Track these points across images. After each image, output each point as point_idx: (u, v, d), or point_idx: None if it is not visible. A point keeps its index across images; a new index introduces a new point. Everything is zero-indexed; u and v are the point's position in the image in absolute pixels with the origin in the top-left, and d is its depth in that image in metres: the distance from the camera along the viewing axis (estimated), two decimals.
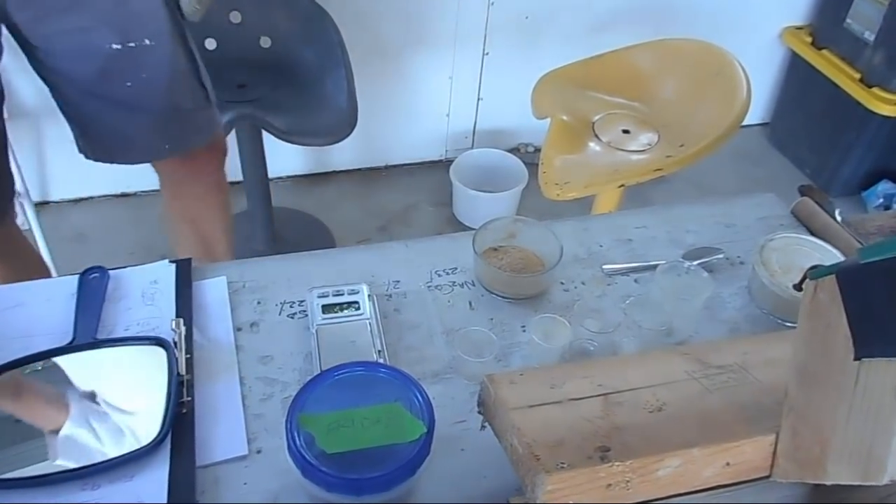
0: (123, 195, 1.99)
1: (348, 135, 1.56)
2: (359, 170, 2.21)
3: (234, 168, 1.84)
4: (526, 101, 1.70)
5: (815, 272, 0.46)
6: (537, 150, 2.17)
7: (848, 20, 2.13)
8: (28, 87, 1.58)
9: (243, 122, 1.50)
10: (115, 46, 0.93)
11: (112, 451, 0.57)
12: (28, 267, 1.18)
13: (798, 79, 2.34)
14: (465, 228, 2.05)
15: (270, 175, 1.87)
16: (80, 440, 0.58)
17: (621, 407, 0.53)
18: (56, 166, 1.89)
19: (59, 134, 1.07)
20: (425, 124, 2.20)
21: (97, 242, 1.86)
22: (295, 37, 1.64)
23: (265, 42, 1.64)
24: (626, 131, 1.60)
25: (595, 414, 0.53)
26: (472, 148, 2.24)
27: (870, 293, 0.42)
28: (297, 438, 0.52)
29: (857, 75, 2.10)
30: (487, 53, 2.08)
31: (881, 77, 2.05)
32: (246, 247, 1.85)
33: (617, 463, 0.48)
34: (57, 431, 0.58)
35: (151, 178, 1.79)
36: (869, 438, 0.44)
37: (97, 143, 1.04)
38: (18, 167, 1.54)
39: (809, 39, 2.26)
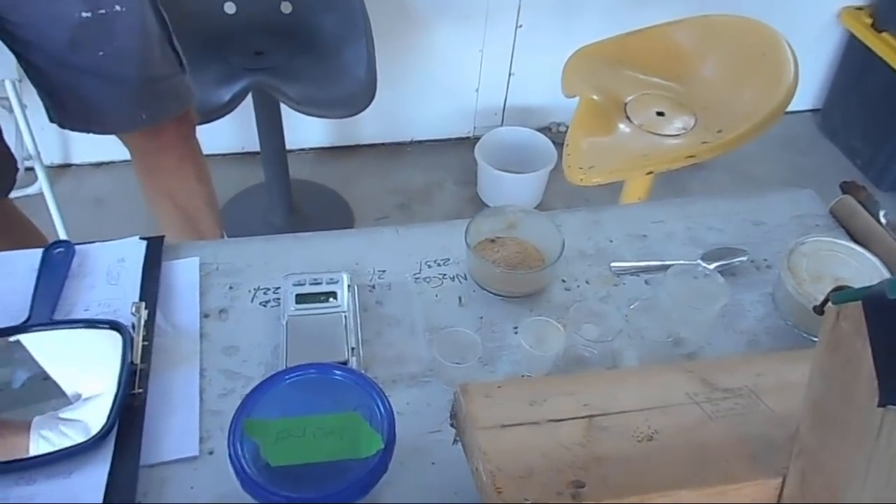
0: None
1: (365, 108, 1.50)
2: (383, 144, 2.15)
3: (251, 138, 1.80)
4: (558, 78, 1.61)
5: (839, 296, 0.38)
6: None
7: None
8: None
9: (259, 90, 1.45)
10: (84, 14, 0.88)
11: (59, 441, 0.53)
12: (23, 242, 1.15)
13: (854, 63, 2.19)
14: None
15: (292, 146, 1.82)
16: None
17: (606, 433, 0.47)
18: None
19: None
20: (453, 99, 2.12)
21: (114, 207, 1.85)
22: (316, 3, 1.57)
23: (286, 7, 1.58)
24: (660, 113, 1.50)
25: (575, 440, 0.46)
26: (501, 125, 2.16)
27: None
28: (239, 446, 0.47)
29: None
30: (521, 26, 1.99)
31: None
32: (262, 219, 1.82)
33: None
34: None
35: None
36: (890, 497, 0.37)
37: (72, 112, 1.00)
38: (31, 131, 1.53)
39: (869, 21, 2.10)
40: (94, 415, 0.54)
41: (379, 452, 0.47)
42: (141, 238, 0.68)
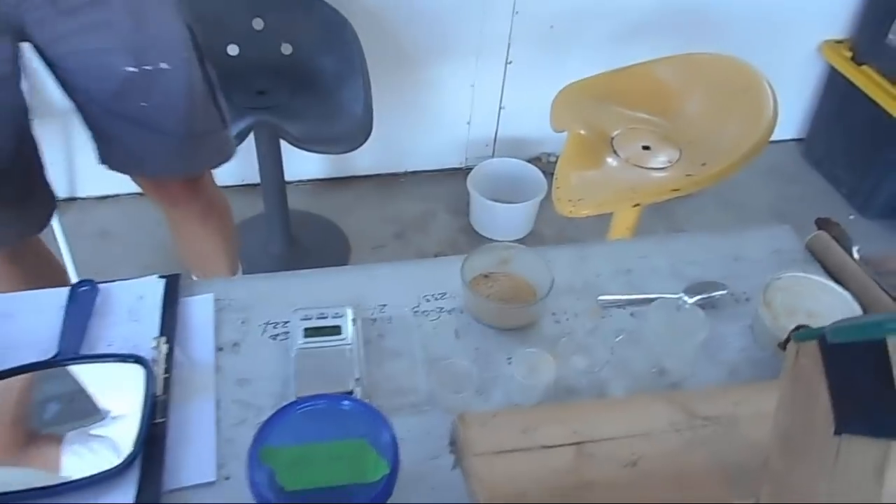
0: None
1: (362, 144, 1.56)
2: (378, 175, 2.21)
3: (251, 171, 1.85)
4: (547, 111, 1.67)
5: (799, 335, 0.43)
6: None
7: (890, 35, 2.06)
8: (56, 85, 1.61)
9: (261, 128, 1.51)
10: (130, 69, 0.94)
11: (89, 457, 0.57)
12: (49, 273, 1.20)
13: (836, 95, 2.27)
14: (481, 238, 2.03)
15: (289, 178, 1.87)
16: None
17: (593, 459, 0.51)
18: (83, 163, 1.92)
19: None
20: (446, 131, 2.18)
21: (120, 240, 1.89)
22: (315, 44, 1.64)
23: (286, 49, 1.64)
24: (646, 147, 1.56)
25: (565, 466, 0.51)
26: (492, 156, 2.22)
27: (854, 365, 0.39)
28: (257, 473, 0.51)
29: None
30: (511, 62, 2.06)
31: None
32: (262, 249, 1.86)
33: None
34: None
35: None
36: None
37: (116, 156, 1.05)
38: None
39: (849, 54, 2.19)
40: (120, 435, 0.58)
41: (384, 477, 0.51)
42: (159, 276, 0.72)
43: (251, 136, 1.59)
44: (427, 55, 2.00)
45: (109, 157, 1.05)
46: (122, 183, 1.21)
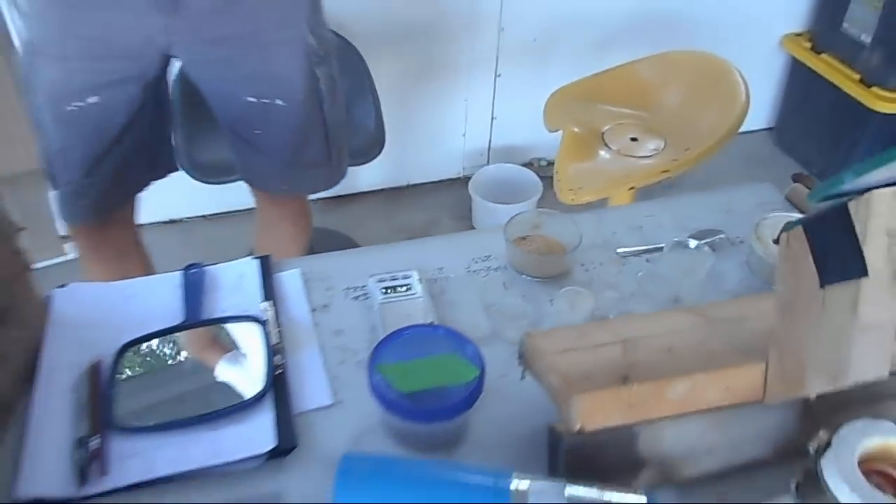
0: (171, 221, 2.15)
1: (378, 155, 1.71)
2: (382, 190, 2.36)
3: None
4: (537, 119, 1.83)
5: (788, 224, 0.58)
6: (550, 163, 2.30)
7: (845, 24, 2.25)
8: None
9: None
10: (250, 99, 1.09)
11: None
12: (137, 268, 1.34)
13: (800, 83, 2.46)
14: None
15: None
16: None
17: (637, 348, 0.65)
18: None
19: None
20: (444, 144, 2.34)
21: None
22: None
23: None
24: (633, 139, 1.73)
25: (615, 355, 0.65)
26: (487, 164, 2.38)
27: (828, 230, 0.54)
28: (378, 383, 0.64)
29: (857, 76, 2.21)
30: (500, 75, 2.23)
31: (879, 77, 2.16)
32: None
33: (635, 385, 0.60)
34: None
35: (197, 206, 1.96)
36: (835, 351, 0.55)
37: (237, 161, 1.22)
38: None
39: (809, 45, 2.38)
40: (248, 384, 0.71)
41: (476, 378, 0.65)
42: (253, 258, 0.86)
43: None
44: (422, 74, 2.16)
45: (236, 165, 1.22)
46: (146, 212, 1.34)
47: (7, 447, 0.67)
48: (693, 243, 0.89)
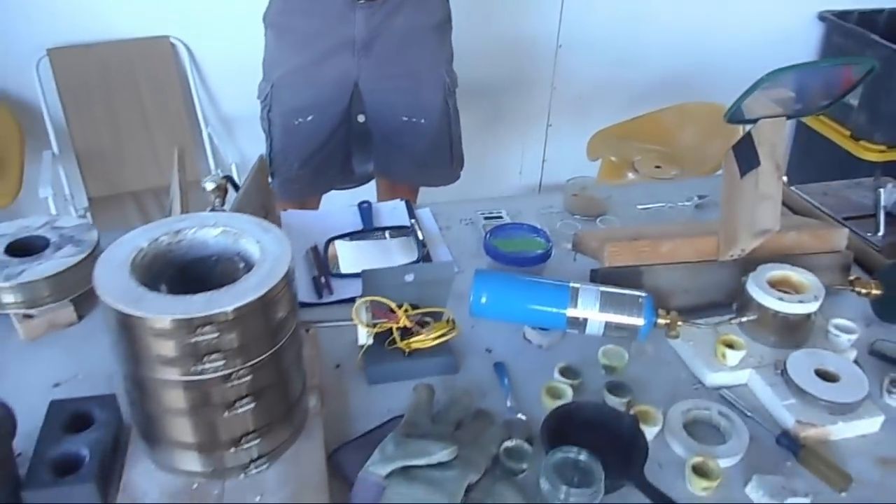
0: None
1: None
2: None
3: None
4: (579, 159, 2.32)
5: (728, 153, 1.04)
6: None
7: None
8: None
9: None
10: (404, 118, 1.60)
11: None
12: None
13: (803, 137, 2.92)
14: None
15: None
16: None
17: (643, 229, 1.11)
18: None
19: None
20: (502, 182, 2.84)
21: None
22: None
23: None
24: (657, 167, 2.20)
25: (631, 232, 1.10)
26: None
27: (742, 148, 1.00)
28: (490, 247, 1.11)
29: (848, 132, 2.67)
30: (550, 125, 2.75)
31: (866, 133, 2.61)
32: None
33: (642, 241, 1.05)
34: None
35: None
36: (749, 214, 1.00)
37: (376, 164, 1.70)
38: None
39: None
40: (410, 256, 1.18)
41: (549, 247, 1.11)
42: (404, 199, 1.35)
43: None
44: (489, 123, 2.70)
45: (376, 164, 1.69)
46: None
47: None
48: (693, 203, 1.35)
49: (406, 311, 0.92)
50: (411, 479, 0.76)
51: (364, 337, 0.91)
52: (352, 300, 1.09)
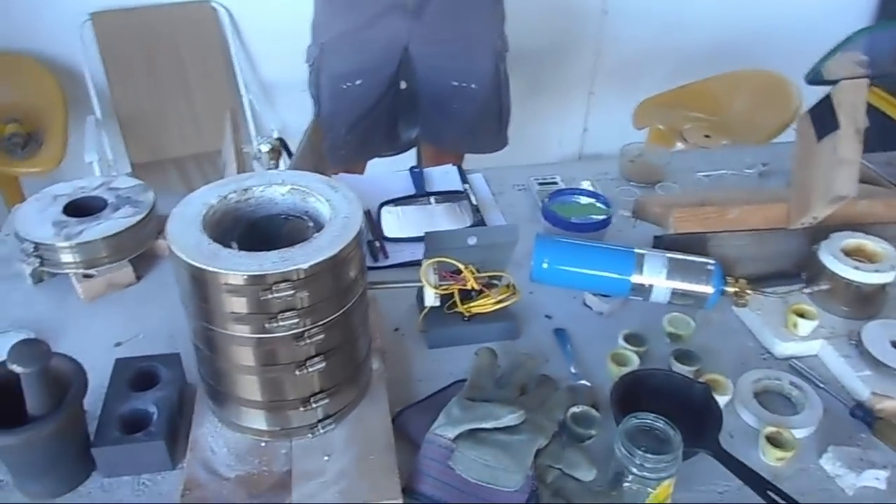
0: None
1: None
2: None
3: None
4: (623, 130, 2.26)
5: (804, 114, 1.00)
6: None
7: None
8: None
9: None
10: (454, 83, 1.56)
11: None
12: None
13: None
14: None
15: None
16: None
17: (709, 195, 1.07)
18: None
19: None
20: (541, 151, 2.79)
21: None
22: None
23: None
24: (707, 136, 2.14)
25: (696, 198, 1.07)
26: None
27: (820, 111, 0.96)
28: (548, 213, 1.08)
29: None
30: (592, 93, 2.69)
31: None
32: None
33: (709, 207, 1.01)
34: None
35: None
36: (826, 179, 0.96)
37: (425, 131, 1.66)
38: None
39: None
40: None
41: (609, 215, 1.08)
42: (453, 165, 1.33)
43: None
44: (528, 93, 2.64)
45: (430, 136, 1.67)
46: None
47: None
48: (756, 170, 1.30)
49: (472, 273, 0.90)
50: (480, 441, 0.75)
51: (431, 299, 0.90)
52: (406, 265, 1.08)
